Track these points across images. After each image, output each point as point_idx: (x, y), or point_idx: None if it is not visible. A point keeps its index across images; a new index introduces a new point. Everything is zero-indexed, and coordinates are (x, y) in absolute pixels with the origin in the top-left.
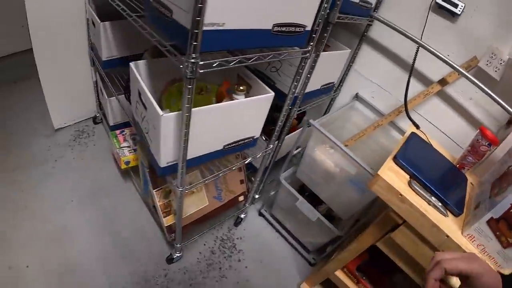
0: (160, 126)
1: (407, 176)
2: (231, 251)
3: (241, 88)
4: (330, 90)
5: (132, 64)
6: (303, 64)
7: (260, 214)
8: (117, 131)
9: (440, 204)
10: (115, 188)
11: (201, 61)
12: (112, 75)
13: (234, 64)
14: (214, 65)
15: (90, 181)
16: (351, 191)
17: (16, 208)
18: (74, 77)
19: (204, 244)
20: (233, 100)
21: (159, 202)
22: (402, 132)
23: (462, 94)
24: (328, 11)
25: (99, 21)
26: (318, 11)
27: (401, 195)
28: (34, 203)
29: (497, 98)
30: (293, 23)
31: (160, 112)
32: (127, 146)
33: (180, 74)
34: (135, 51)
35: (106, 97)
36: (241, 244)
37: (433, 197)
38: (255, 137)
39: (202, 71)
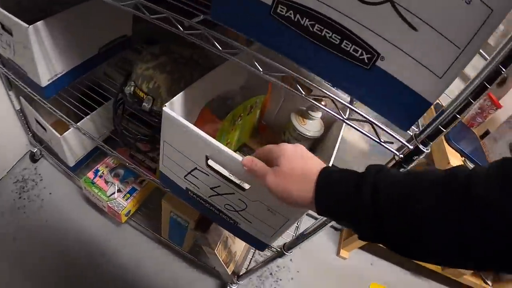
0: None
1: (459, 156)
2: None
3: (322, 103)
4: None
5: (166, 110)
6: None
7: None
8: (90, 174)
9: None
10: (114, 241)
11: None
12: (58, 98)
13: None
14: None
15: (78, 247)
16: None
17: None
18: None
19: None
20: (307, 118)
21: (221, 257)
22: None
23: None
24: None
25: (26, 25)
26: None
27: None
28: None
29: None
30: None
31: None
32: (118, 191)
33: (222, 91)
34: (88, 54)
35: (58, 135)
36: None
37: None
38: None
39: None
